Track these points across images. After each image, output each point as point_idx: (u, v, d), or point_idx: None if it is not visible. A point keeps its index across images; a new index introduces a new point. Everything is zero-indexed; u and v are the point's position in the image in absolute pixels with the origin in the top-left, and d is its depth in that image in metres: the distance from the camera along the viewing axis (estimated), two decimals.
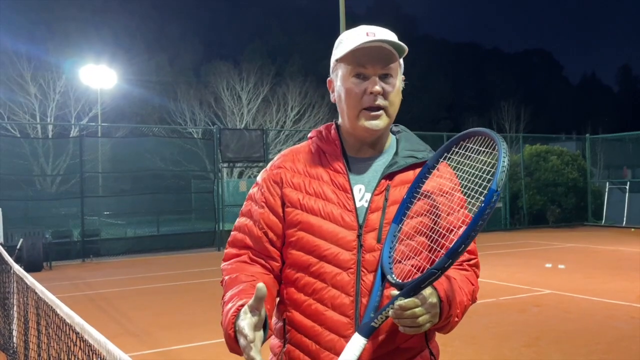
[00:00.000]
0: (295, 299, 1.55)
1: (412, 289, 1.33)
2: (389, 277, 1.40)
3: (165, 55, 46.62)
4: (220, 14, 62.69)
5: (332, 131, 1.64)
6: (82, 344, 2.16)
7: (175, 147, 20.75)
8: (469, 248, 1.49)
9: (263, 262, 1.59)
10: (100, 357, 1.86)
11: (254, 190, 1.67)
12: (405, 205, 1.52)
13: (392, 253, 1.46)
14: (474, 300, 1.60)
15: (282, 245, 1.60)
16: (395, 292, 1.36)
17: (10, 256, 5.81)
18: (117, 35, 43.63)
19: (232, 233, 1.69)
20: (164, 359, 5.94)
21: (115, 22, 45.55)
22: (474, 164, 1.49)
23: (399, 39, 1.55)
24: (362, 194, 1.55)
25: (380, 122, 1.53)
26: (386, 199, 1.53)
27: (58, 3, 43.47)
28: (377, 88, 1.50)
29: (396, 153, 1.61)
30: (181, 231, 18.10)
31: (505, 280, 9.90)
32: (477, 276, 1.65)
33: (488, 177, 1.37)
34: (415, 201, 1.53)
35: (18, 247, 12.73)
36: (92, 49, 35.22)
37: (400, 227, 1.50)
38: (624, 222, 20.16)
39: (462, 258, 1.58)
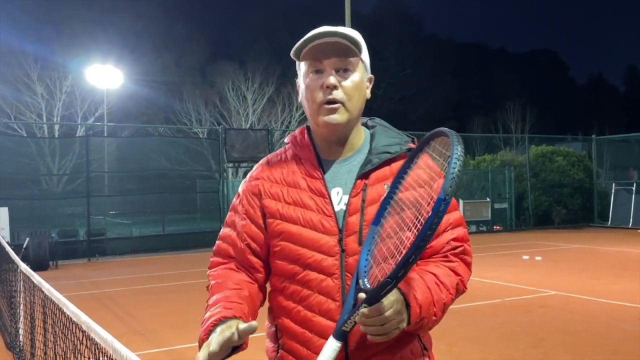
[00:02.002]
0: (284, 307, 1.56)
1: (372, 297, 1.29)
2: (360, 281, 1.37)
3: (171, 56, 46.72)
4: (226, 15, 62.79)
5: (305, 136, 1.62)
6: (88, 342, 2.17)
7: (181, 146, 20.78)
8: (455, 236, 1.55)
9: (247, 272, 1.61)
10: (107, 356, 1.87)
11: (236, 201, 1.67)
12: (384, 205, 1.47)
13: (368, 256, 1.41)
14: (461, 291, 1.55)
15: (266, 256, 1.61)
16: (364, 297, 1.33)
17: (17, 255, 5.84)
18: (123, 36, 43.73)
19: (217, 242, 1.71)
20: (169, 357, 5.95)
21: (121, 22, 45.66)
22: (435, 167, 1.46)
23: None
24: (339, 197, 1.53)
25: (338, 116, 1.49)
26: (363, 200, 1.50)
27: (65, 3, 43.65)
28: (331, 80, 1.48)
29: (370, 151, 1.57)
30: (186, 231, 18.12)
31: (511, 281, 9.88)
32: (468, 263, 1.57)
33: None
34: (395, 198, 1.48)
35: (24, 246, 12.78)
36: (98, 49, 35.33)
37: (379, 229, 1.45)
38: (630, 224, 20.07)
39: (446, 247, 1.53)
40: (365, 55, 1.56)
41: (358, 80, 1.52)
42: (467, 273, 1.58)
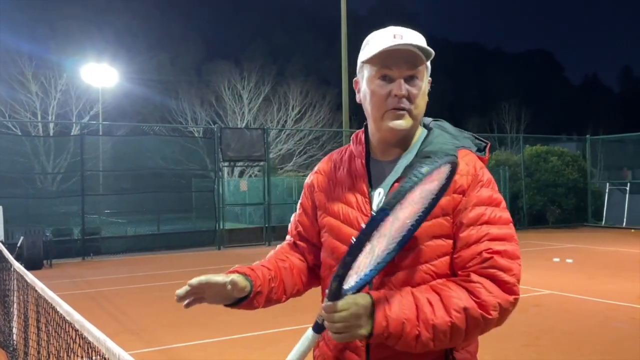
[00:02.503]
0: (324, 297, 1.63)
1: (332, 293, 1.32)
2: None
3: (166, 54, 46.66)
4: (221, 14, 62.68)
5: (362, 134, 1.66)
6: (81, 341, 2.17)
7: (176, 145, 20.72)
8: (489, 248, 1.43)
9: (300, 253, 1.78)
10: (100, 355, 1.87)
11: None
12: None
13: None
14: (477, 316, 1.38)
15: (316, 244, 1.74)
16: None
17: (11, 254, 5.82)
18: (119, 34, 43.67)
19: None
20: (164, 357, 5.95)
21: (117, 21, 45.59)
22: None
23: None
24: (380, 198, 1.54)
25: (404, 122, 1.52)
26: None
27: (60, 1, 43.53)
28: (402, 91, 1.49)
29: (417, 154, 1.56)
30: (182, 230, 18.09)
31: None
32: (501, 282, 1.41)
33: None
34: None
35: (18, 244, 12.73)
36: (93, 47, 35.26)
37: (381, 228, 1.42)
38: (624, 223, 20.15)
39: (475, 260, 1.43)
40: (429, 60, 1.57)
41: (424, 87, 1.55)
42: (497, 296, 1.39)
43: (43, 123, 26.86)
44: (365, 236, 1.25)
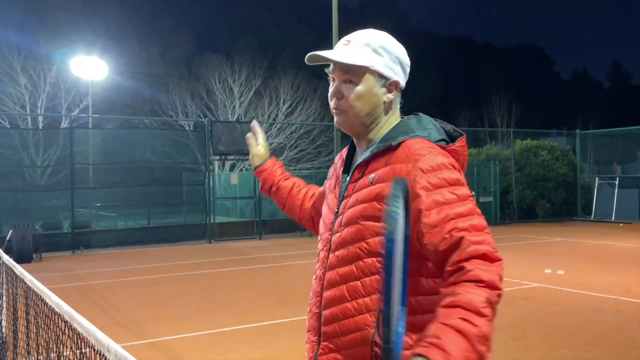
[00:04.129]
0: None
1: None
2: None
3: (156, 47, 46.37)
4: (212, 7, 62.30)
5: None
6: (70, 332, 2.18)
7: (167, 139, 20.65)
8: (455, 227, 1.40)
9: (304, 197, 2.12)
10: (89, 346, 1.87)
11: None
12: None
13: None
14: (496, 300, 1.33)
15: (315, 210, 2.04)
16: None
17: (0, 247, 5.80)
18: (108, 27, 43.31)
19: None
20: (153, 349, 5.95)
21: (106, 13, 45.23)
22: None
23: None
24: (346, 182, 1.75)
25: (339, 119, 1.70)
26: (353, 188, 1.67)
27: None
28: (333, 91, 1.68)
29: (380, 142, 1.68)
30: (172, 223, 18.07)
31: None
32: (484, 258, 1.37)
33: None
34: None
35: (7, 238, 12.66)
36: (83, 40, 34.94)
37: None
38: (613, 217, 20.32)
39: (442, 244, 1.40)
40: (379, 65, 1.64)
41: (363, 90, 1.66)
42: (491, 269, 1.36)
43: (32, 116, 26.65)
44: (389, 277, 1.16)
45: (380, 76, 1.66)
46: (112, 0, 47.68)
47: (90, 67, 27.67)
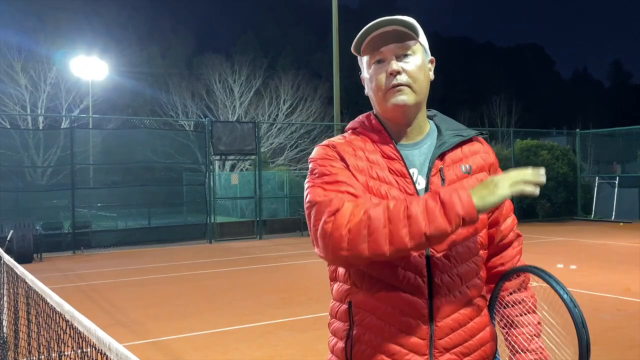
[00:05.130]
0: (371, 284, 1.52)
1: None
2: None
3: (157, 47, 46.41)
4: (212, 6, 62.33)
5: (374, 121, 1.64)
6: (72, 331, 2.19)
7: (167, 139, 20.67)
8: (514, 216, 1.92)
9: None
10: (91, 345, 1.89)
11: (323, 169, 1.55)
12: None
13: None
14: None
15: None
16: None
17: (1, 247, 5.82)
18: (108, 27, 43.35)
19: (320, 205, 1.52)
20: (154, 349, 5.97)
21: (106, 13, 45.27)
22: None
23: None
24: (416, 178, 1.56)
25: (406, 97, 1.54)
26: (443, 179, 1.55)
27: None
28: (394, 67, 1.53)
29: (440, 134, 1.63)
30: (172, 223, 18.08)
31: None
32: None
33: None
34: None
35: (8, 238, 12.68)
36: (83, 40, 35.00)
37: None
38: (613, 217, 20.33)
39: (510, 233, 1.93)
40: (423, 38, 1.60)
41: (420, 62, 1.57)
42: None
43: (32, 116, 26.68)
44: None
45: (425, 51, 1.62)
46: (112, 0, 47.70)
47: (90, 67, 27.70)
